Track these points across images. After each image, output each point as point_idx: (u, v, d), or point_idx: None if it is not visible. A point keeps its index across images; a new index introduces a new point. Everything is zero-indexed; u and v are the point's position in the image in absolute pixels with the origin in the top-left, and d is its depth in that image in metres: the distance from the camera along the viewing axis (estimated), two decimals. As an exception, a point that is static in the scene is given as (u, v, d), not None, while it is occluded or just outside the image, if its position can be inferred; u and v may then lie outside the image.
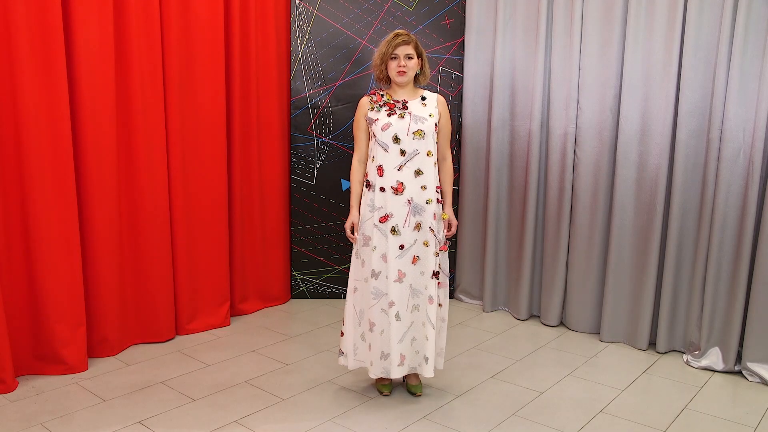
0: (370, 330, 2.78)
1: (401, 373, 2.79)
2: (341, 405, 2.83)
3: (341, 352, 2.93)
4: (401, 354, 2.77)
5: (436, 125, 2.76)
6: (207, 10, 3.52)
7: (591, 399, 2.94)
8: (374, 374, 2.81)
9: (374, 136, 2.73)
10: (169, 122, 3.44)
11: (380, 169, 2.72)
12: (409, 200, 2.72)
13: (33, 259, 2.95)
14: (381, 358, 2.77)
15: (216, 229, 3.74)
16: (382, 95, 2.79)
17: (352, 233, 2.82)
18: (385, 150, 2.71)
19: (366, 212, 2.77)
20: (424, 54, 2.79)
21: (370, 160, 2.78)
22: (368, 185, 2.76)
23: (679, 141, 3.33)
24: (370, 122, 2.75)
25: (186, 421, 2.66)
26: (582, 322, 3.83)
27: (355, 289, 2.86)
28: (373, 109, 2.75)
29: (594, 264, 3.73)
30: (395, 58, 2.70)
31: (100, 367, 3.17)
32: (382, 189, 2.72)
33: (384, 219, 2.72)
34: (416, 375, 2.97)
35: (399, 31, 2.75)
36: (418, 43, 2.75)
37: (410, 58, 2.71)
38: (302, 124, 4.16)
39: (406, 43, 2.70)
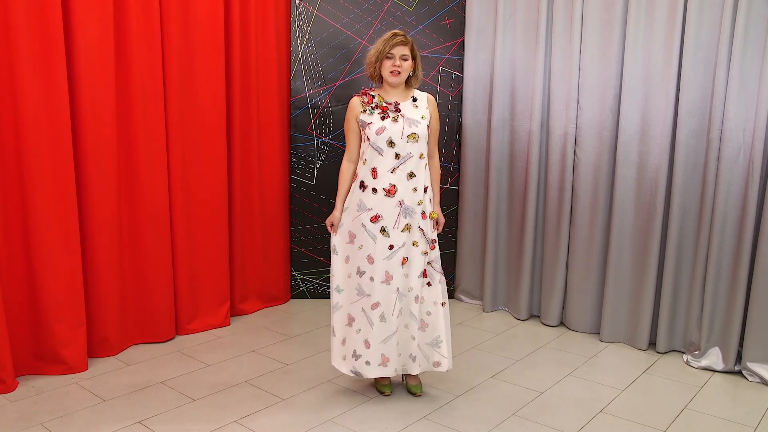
0: (349, 325, 2.81)
1: (378, 373, 2.79)
2: (341, 405, 2.83)
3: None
4: (383, 355, 2.76)
5: (428, 127, 2.77)
6: (207, 10, 3.52)
7: (591, 399, 2.94)
8: (344, 370, 2.83)
9: (368, 139, 2.72)
10: (169, 122, 3.44)
11: (374, 172, 2.71)
12: (400, 202, 2.72)
13: (33, 259, 2.95)
14: (352, 357, 2.79)
15: (216, 229, 3.74)
16: (373, 96, 2.77)
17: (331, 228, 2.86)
18: (380, 153, 2.71)
19: (353, 211, 2.77)
20: (419, 57, 2.79)
21: (361, 162, 2.77)
22: (362, 186, 2.75)
23: (679, 141, 3.33)
24: (363, 125, 2.73)
25: (186, 421, 2.66)
26: (582, 322, 3.83)
27: (338, 287, 2.84)
28: (365, 111, 2.74)
29: (594, 264, 3.73)
30: (390, 57, 2.70)
31: (100, 367, 3.17)
32: (374, 190, 2.72)
33: (375, 219, 2.72)
34: (416, 375, 2.98)
35: (397, 31, 2.75)
36: (414, 46, 2.76)
37: (405, 59, 2.71)
38: (302, 124, 4.16)
39: (403, 43, 2.70)
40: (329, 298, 4.34)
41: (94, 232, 3.16)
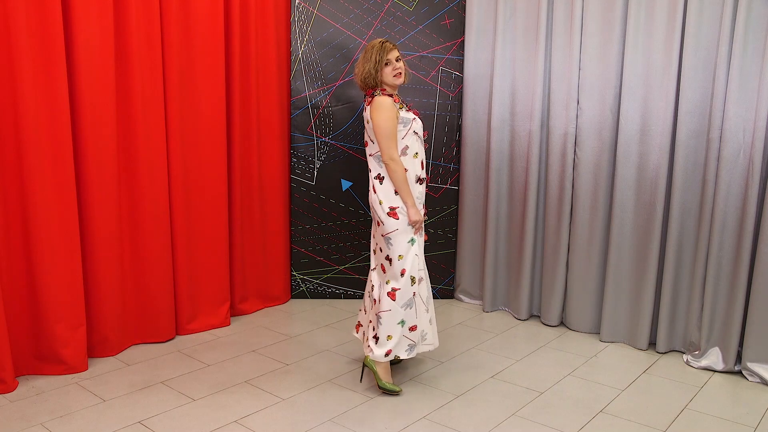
0: (426, 311, 3.02)
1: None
2: (341, 405, 2.83)
3: (411, 346, 2.92)
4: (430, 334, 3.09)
5: None
6: (207, 10, 3.52)
7: (591, 399, 2.94)
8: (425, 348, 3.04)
9: (415, 133, 2.91)
10: (169, 122, 3.44)
11: (422, 164, 2.96)
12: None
13: (33, 259, 2.95)
14: (422, 339, 3.03)
15: (216, 229, 3.74)
16: (390, 96, 2.93)
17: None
18: (422, 145, 2.96)
19: (420, 206, 2.94)
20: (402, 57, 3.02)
21: (410, 157, 2.90)
22: (418, 180, 2.93)
23: (679, 141, 3.33)
24: (407, 122, 2.88)
25: (186, 421, 2.66)
26: (582, 322, 3.83)
27: (421, 279, 2.95)
28: (401, 109, 2.89)
29: (594, 264, 3.73)
30: (388, 63, 2.87)
31: (100, 367, 3.17)
32: (422, 180, 2.96)
33: (424, 208, 2.99)
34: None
35: (381, 39, 2.92)
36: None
37: (399, 60, 2.91)
38: (302, 124, 4.16)
39: (393, 48, 2.90)
40: (329, 298, 4.37)
41: (94, 232, 3.16)
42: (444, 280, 4.41)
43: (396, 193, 2.86)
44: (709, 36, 3.22)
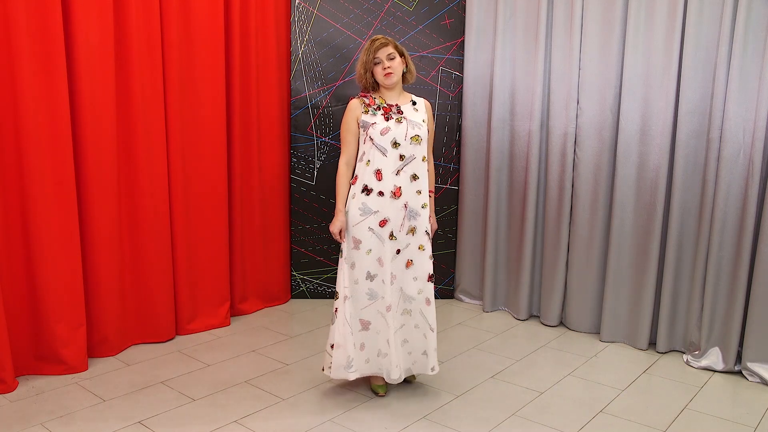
0: (365, 329, 2.79)
1: (398, 374, 2.80)
2: (341, 405, 2.83)
3: (329, 367, 2.84)
4: (396, 356, 2.80)
5: (428, 131, 2.82)
6: (207, 10, 3.52)
7: (591, 399, 2.94)
8: (369, 372, 2.82)
9: (371, 139, 2.72)
10: (169, 122, 3.44)
11: (378, 173, 2.72)
12: (405, 204, 2.75)
13: (33, 259, 2.95)
14: (378, 356, 2.80)
15: (216, 229, 3.74)
16: (375, 98, 2.79)
17: (339, 235, 2.78)
18: (383, 154, 2.71)
19: (356, 216, 2.72)
20: (406, 52, 2.82)
21: (363, 164, 2.75)
22: (365, 189, 2.72)
23: (679, 141, 3.33)
24: (366, 126, 2.73)
25: (186, 421, 2.66)
26: (582, 322, 3.83)
27: (346, 297, 2.77)
28: (367, 112, 2.75)
29: (594, 264, 3.73)
30: (378, 62, 2.72)
31: (100, 367, 3.17)
32: (381, 193, 2.72)
33: (383, 223, 2.72)
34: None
35: (375, 36, 2.77)
36: (397, 43, 2.78)
37: (392, 58, 2.72)
38: (302, 124, 4.16)
39: (384, 45, 2.72)
40: (329, 298, 4.36)
41: (94, 232, 3.16)
42: (444, 280, 4.41)
43: (357, 198, 2.73)
44: (709, 36, 3.22)
